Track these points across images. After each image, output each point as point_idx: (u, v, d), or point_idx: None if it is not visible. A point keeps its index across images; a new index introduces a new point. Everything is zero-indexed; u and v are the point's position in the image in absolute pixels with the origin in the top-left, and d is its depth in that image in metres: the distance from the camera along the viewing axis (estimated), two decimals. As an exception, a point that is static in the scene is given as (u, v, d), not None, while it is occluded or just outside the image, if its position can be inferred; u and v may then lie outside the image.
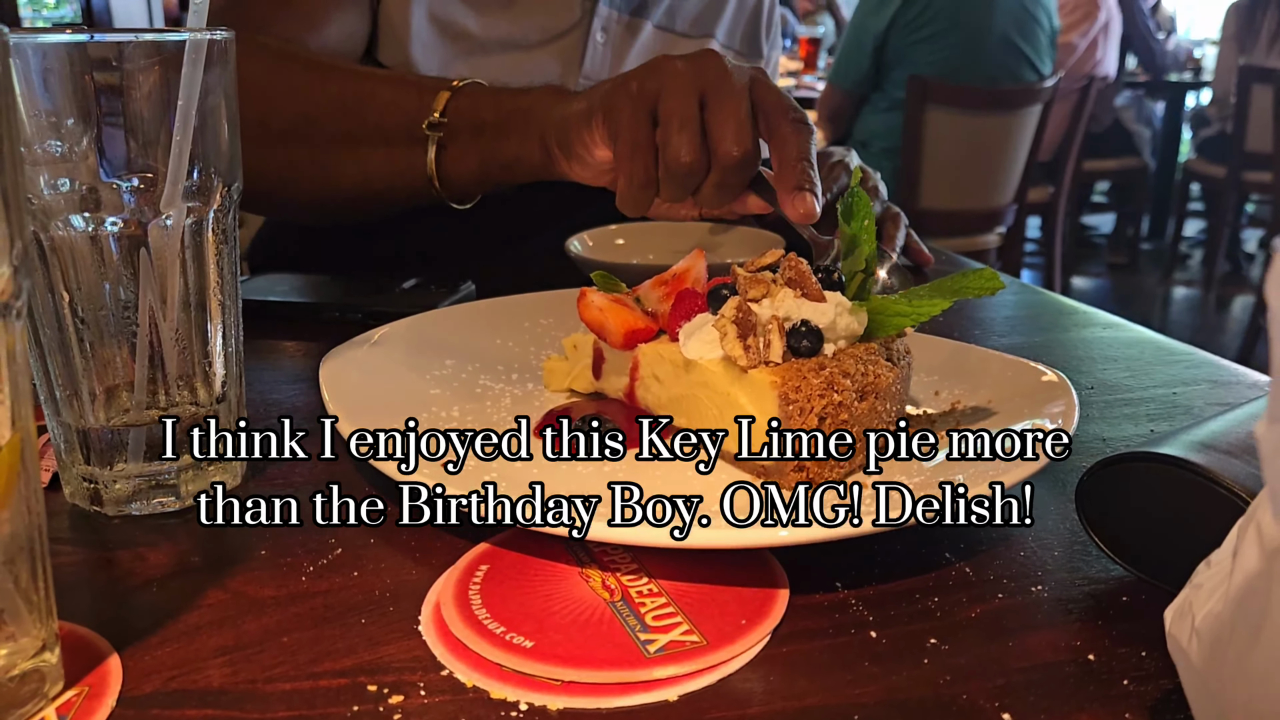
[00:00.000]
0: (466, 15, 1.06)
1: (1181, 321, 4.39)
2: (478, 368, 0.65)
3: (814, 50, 4.23)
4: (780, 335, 0.50)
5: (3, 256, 0.33)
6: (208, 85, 0.48)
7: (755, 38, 1.30)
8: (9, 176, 0.33)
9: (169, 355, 0.51)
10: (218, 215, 0.50)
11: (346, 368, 0.60)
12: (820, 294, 0.52)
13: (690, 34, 1.22)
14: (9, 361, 0.34)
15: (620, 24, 1.15)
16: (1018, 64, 3.01)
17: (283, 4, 0.95)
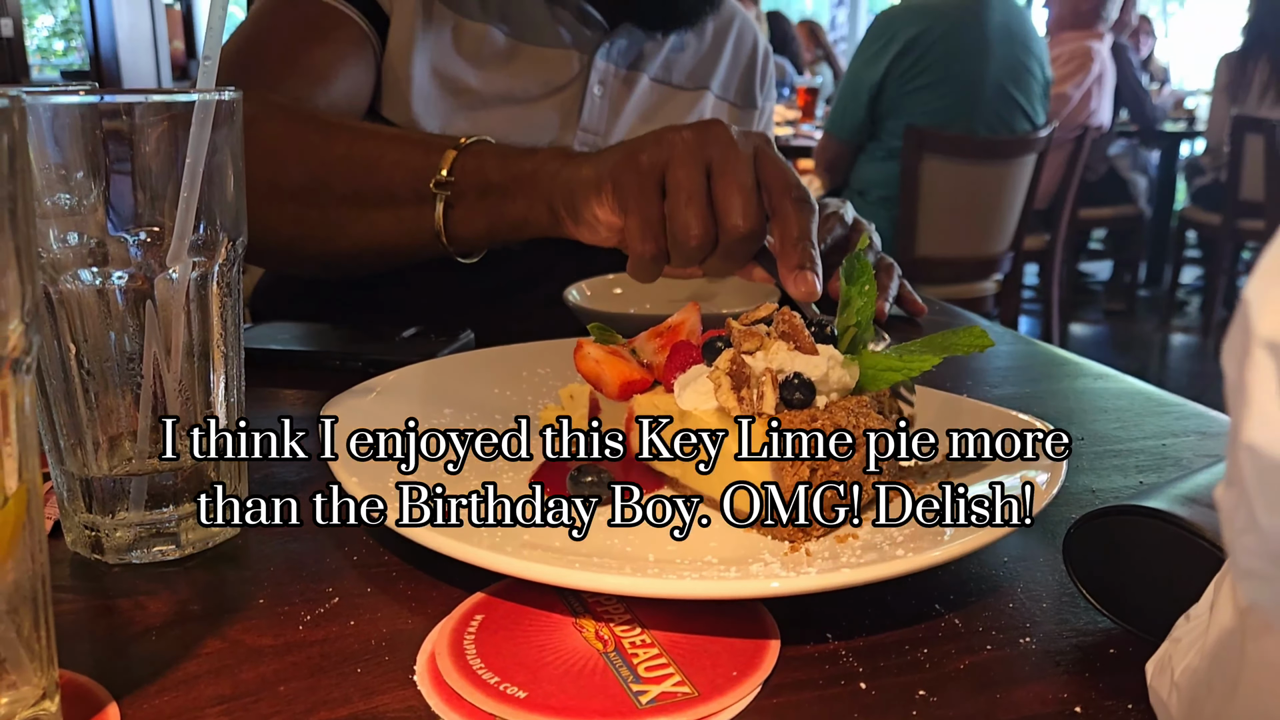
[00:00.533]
0: (467, 71, 1.09)
1: (1179, 368, 4.41)
2: (476, 417, 0.66)
3: (812, 99, 4.29)
4: (773, 387, 0.51)
5: (14, 313, 0.34)
6: (215, 144, 0.49)
7: (750, 90, 1.32)
8: (22, 235, 0.34)
9: (172, 405, 0.51)
10: (222, 269, 0.52)
11: (346, 417, 0.61)
12: (813, 347, 0.53)
13: (686, 86, 1.24)
14: (18, 414, 0.35)
15: (617, 78, 1.18)
16: (1012, 114, 3.06)
17: (291, 62, 0.97)
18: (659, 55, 1.21)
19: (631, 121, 1.18)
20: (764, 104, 1.35)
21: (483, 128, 1.10)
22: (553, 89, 1.14)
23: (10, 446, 0.35)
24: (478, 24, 1.09)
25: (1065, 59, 3.83)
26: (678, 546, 0.50)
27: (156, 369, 0.51)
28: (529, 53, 1.12)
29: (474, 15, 1.09)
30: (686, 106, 1.23)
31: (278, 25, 1.01)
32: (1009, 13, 3.04)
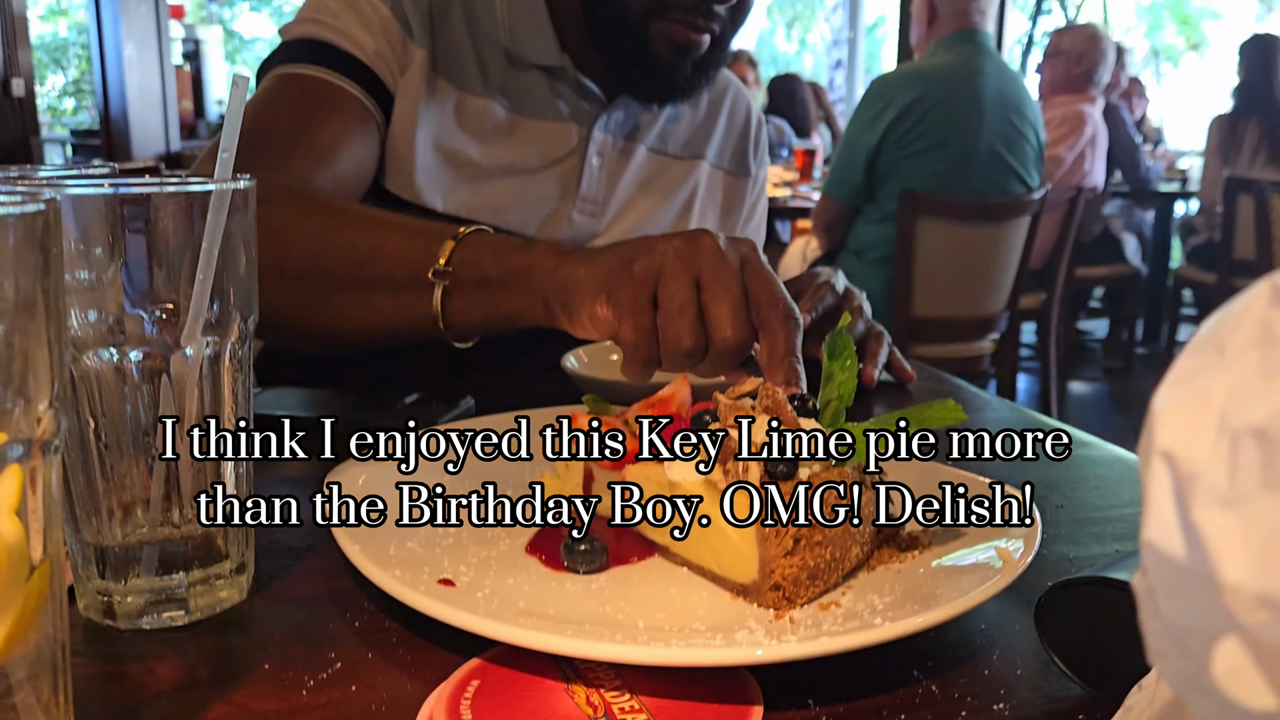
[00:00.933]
0: (470, 144, 1.12)
1: (1178, 426, 4.42)
2: (474, 483, 0.68)
3: (809, 161, 4.37)
4: (758, 461, 0.53)
5: (45, 397, 0.37)
6: (230, 229, 0.52)
7: (744, 158, 1.36)
8: (54, 325, 0.37)
9: (184, 475, 0.54)
10: (234, 346, 0.54)
11: (350, 485, 0.63)
12: (796, 422, 0.55)
13: (682, 155, 1.28)
14: (45, 492, 0.37)
15: (615, 148, 1.22)
16: (1006, 178, 3.11)
17: (296, 142, 1.00)
18: (655, 126, 1.26)
19: (629, 190, 1.22)
20: (757, 171, 1.39)
21: (485, 198, 1.13)
22: (553, 160, 1.17)
23: (38, 522, 0.37)
24: (480, 99, 1.14)
25: (1058, 122, 3.91)
26: (667, 614, 0.52)
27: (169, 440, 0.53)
28: (529, 126, 1.16)
29: (476, 91, 1.14)
30: (682, 175, 1.27)
31: (284, 105, 1.04)
32: (1002, 79, 3.11)
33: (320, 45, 1.07)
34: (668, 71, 1.11)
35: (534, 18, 1.15)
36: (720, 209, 1.33)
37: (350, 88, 1.06)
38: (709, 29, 1.09)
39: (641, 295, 0.71)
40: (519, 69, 1.16)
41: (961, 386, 1.09)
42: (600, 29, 1.11)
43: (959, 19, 3.16)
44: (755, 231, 1.42)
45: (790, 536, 0.52)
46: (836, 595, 0.54)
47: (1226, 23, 12.78)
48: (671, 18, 1.07)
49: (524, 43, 1.15)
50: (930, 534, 0.60)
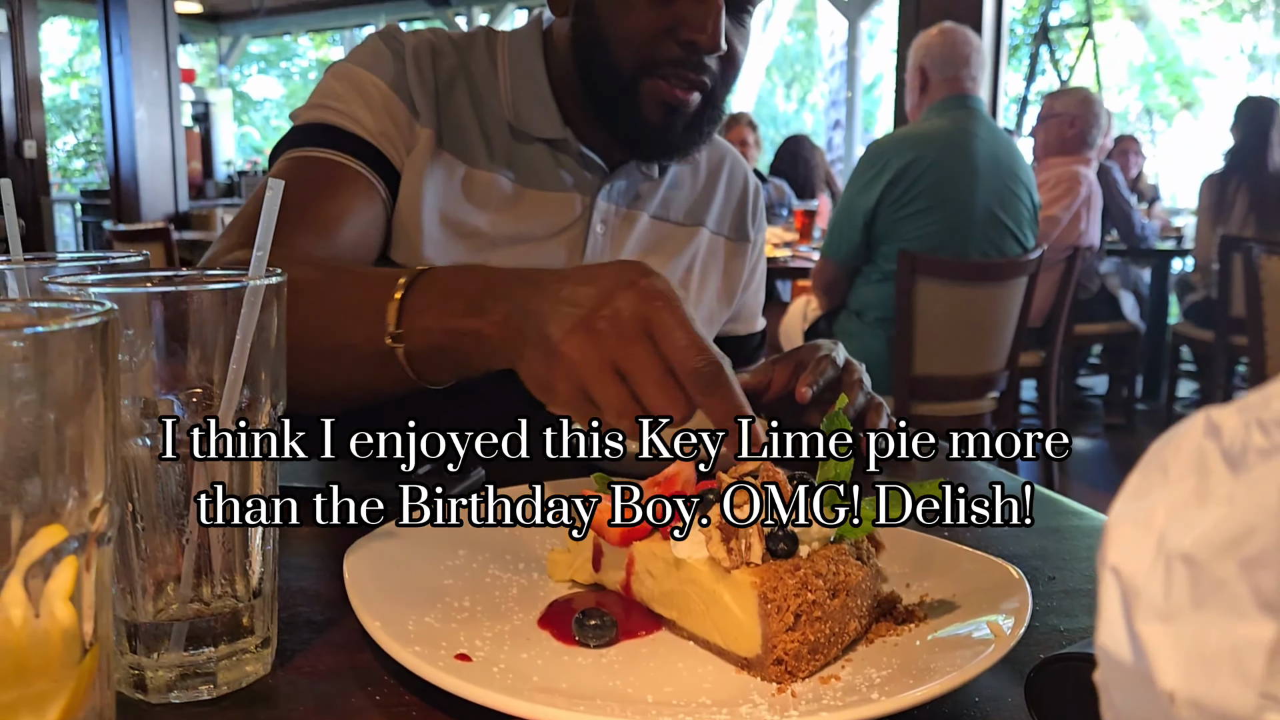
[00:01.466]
0: (477, 215, 1.17)
1: (1180, 483, 4.43)
2: (487, 557, 0.71)
3: (809, 221, 4.44)
4: (760, 539, 0.56)
5: (98, 490, 0.40)
6: (262, 322, 0.56)
7: (742, 225, 1.41)
8: (109, 423, 0.40)
9: (215, 552, 0.57)
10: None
11: (367, 561, 0.66)
12: (795, 500, 0.58)
13: (683, 222, 1.33)
14: (98, 580, 0.40)
15: (618, 216, 1.26)
16: (1002, 238, 3.17)
17: (300, 220, 1.03)
18: (657, 194, 1.30)
19: (633, 256, 1.26)
20: (755, 236, 1.43)
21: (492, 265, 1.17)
22: (558, 229, 1.22)
23: (90, 608, 0.40)
24: (485, 172, 1.18)
25: (1053, 183, 3.98)
26: (675, 688, 0.54)
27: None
28: (535, 197, 1.21)
29: (482, 165, 1.18)
30: (684, 241, 1.32)
31: (291, 186, 1.08)
32: (995, 142, 3.18)
33: (327, 128, 1.12)
34: (661, 131, 1.15)
35: (536, 93, 1.20)
36: (721, 273, 1.37)
37: (355, 165, 1.10)
38: (699, 84, 1.13)
39: (578, 401, 0.70)
40: (523, 142, 1.21)
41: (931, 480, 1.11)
42: (594, 92, 1.16)
43: (951, 85, 3.23)
44: (755, 294, 1.47)
45: (791, 612, 0.54)
46: (836, 669, 0.56)
47: (1219, 82, 13.03)
48: (660, 74, 1.11)
49: (527, 117, 1.20)
50: (925, 608, 0.62)
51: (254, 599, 0.58)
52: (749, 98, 16.01)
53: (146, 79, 7.45)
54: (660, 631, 0.62)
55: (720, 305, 1.38)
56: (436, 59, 1.19)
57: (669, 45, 1.09)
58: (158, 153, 7.64)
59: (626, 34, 1.10)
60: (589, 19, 1.14)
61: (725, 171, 1.39)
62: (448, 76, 1.19)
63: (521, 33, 1.25)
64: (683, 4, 1.08)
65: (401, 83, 1.15)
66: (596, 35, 1.13)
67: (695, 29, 1.07)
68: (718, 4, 1.07)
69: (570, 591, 0.67)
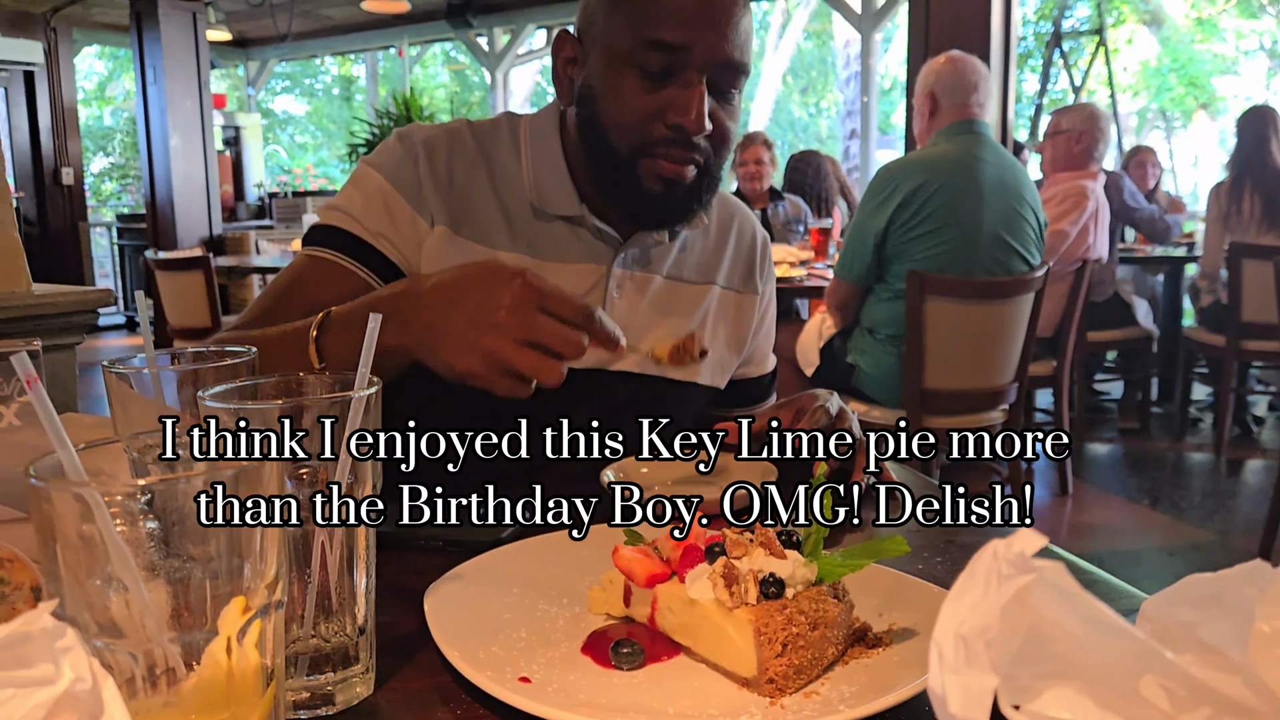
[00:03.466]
0: None
1: (1193, 487, 4.54)
2: (537, 594, 0.87)
3: (824, 240, 4.59)
4: (755, 584, 0.72)
5: (273, 571, 0.56)
6: (366, 421, 0.72)
7: (751, 277, 1.52)
8: (280, 529, 0.56)
9: (331, 598, 0.73)
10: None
11: (443, 601, 0.82)
12: (783, 553, 0.74)
13: (695, 281, 1.44)
14: (274, 631, 0.56)
15: (633, 280, 1.38)
16: (1008, 257, 3.30)
17: (288, 305, 1.21)
18: (669, 257, 1.41)
19: (648, 315, 1.38)
20: (763, 287, 1.54)
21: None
22: (578, 295, 1.37)
23: (269, 652, 0.56)
24: (507, 253, 1.31)
25: (1060, 198, 4.11)
26: (690, 702, 0.70)
27: (323, 574, 0.72)
28: (555, 269, 1.32)
29: (503, 245, 1.31)
30: (696, 299, 1.44)
31: (296, 279, 1.28)
32: (1002, 166, 3.31)
33: (333, 230, 1.29)
34: (660, 202, 1.27)
35: (555, 174, 1.33)
36: (730, 324, 1.49)
37: (348, 263, 1.27)
38: (692, 160, 1.24)
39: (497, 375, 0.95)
40: (543, 220, 1.33)
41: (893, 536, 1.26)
42: (599, 172, 1.29)
43: (959, 111, 3.38)
44: (765, 338, 1.58)
45: (780, 642, 0.70)
46: (817, 685, 0.72)
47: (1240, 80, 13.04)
48: (655, 154, 1.23)
49: (548, 197, 1.33)
50: (892, 635, 0.77)
51: (359, 635, 0.75)
52: (766, 105, 16.20)
53: (180, 107, 7.70)
54: (679, 656, 0.77)
55: (730, 353, 1.50)
56: (454, 153, 1.33)
57: (659, 127, 1.22)
58: (192, 178, 7.88)
59: (621, 119, 1.23)
60: (589, 107, 1.27)
61: (734, 229, 1.50)
62: (466, 168, 1.33)
63: (541, 116, 1.38)
64: (669, 91, 1.20)
65: (410, 185, 1.29)
66: (597, 121, 1.26)
67: (681, 113, 1.20)
68: (700, 90, 1.19)
69: (606, 623, 0.83)
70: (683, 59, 1.19)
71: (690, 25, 1.18)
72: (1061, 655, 0.37)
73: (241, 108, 11.49)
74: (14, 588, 0.68)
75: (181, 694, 0.54)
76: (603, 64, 1.24)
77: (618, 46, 1.22)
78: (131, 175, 14.08)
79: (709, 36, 1.19)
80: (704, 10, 1.19)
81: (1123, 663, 0.36)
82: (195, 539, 0.55)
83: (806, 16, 13.94)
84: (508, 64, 10.43)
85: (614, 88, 1.23)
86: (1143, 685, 0.36)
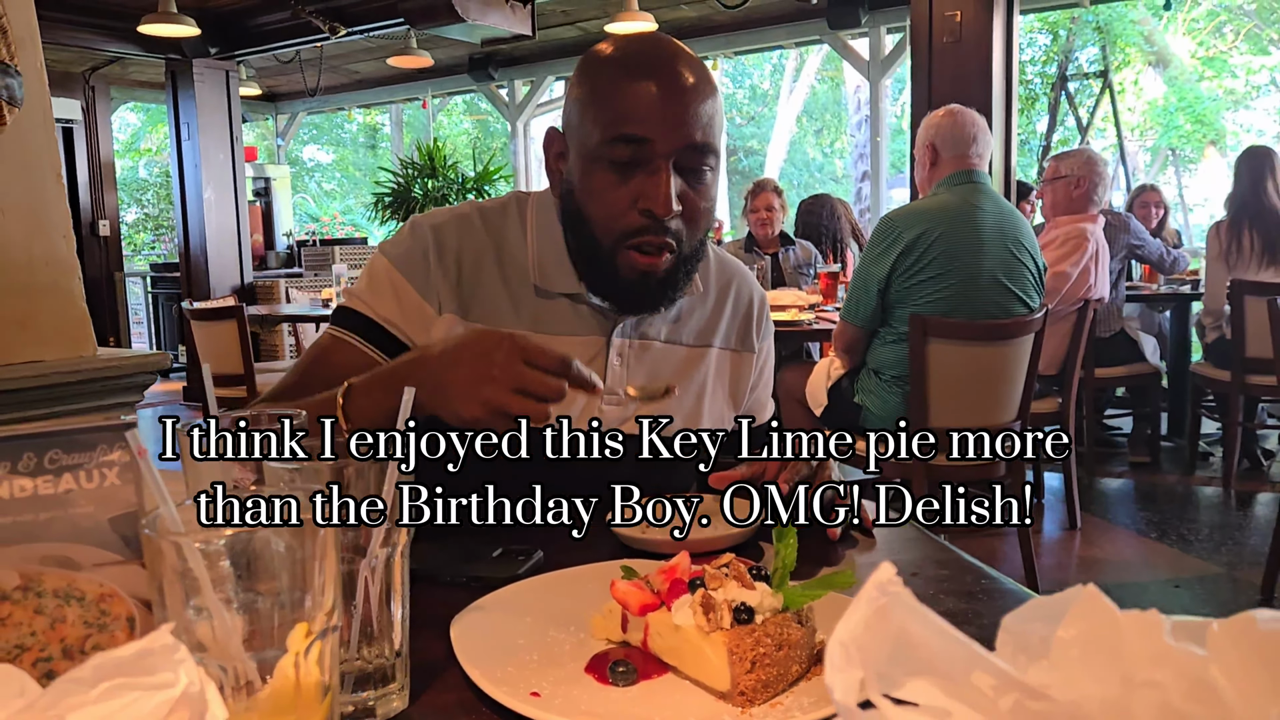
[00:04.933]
0: None
1: (1202, 520, 4.60)
2: (546, 622, 1.00)
3: (832, 284, 4.73)
4: (729, 611, 0.85)
5: (330, 601, 0.70)
6: (398, 487, 0.86)
7: (747, 336, 1.61)
8: (334, 564, 0.70)
9: (374, 626, 0.87)
10: (402, 550, 0.88)
11: (466, 628, 0.96)
12: (753, 585, 0.87)
13: (694, 344, 1.54)
14: (331, 650, 0.70)
15: (632, 348, 1.48)
16: (1008, 301, 3.43)
17: (310, 380, 1.37)
18: (666, 323, 1.50)
19: (650, 378, 1.48)
20: (760, 345, 1.62)
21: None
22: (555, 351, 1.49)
23: (327, 669, 0.70)
24: (513, 329, 1.38)
25: (1061, 241, 4.24)
26: (674, 712, 0.83)
27: (365, 605, 0.86)
28: (558, 342, 1.40)
29: (509, 323, 1.40)
30: (696, 361, 1.53)
31: (318, 360, 1.44)
32: (1000, 214, 3.45)
33: (349, 312, 1.46)
34: (637, 291, 1.37)
35: (557, 255, 1.43)
36: (728, 382, 1.59)
37: (360, 344, 1.42)
38: (666, 246, 1.33)
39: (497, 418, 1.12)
40: (547, 299, 1.43)
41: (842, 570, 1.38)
42: (584, 260, 1.39)
43: (959, 161, 3.52)
44: (763, 389, 1.67)
45: (749, 660, 0.83)
46: (783, 698, 0.84)
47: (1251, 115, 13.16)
48: (631, 245, 1.32)
49: (549, 277, 1.43)
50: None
51: (396, 657, 0.88)
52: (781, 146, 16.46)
53: (213, 161, 7.97)
54: (667, 674, 0.90)
55: (728, 408, 1.59)
56: (463, 239, 1.44)
57: (633, 216, 1.31)
58: (224, 229, 8.14)
59: (598, 213, 1.34)
60: (572, 201, 1.38)
61: (733, 292, 1.60)
62: (474, 254, 1.44)
63: (546, 195, 1.48)
64: (637, 181, 1.29)
65: (419, 274, 1.42)
66: (580, 215, 1.37)
67: (650, 199, 1.29)
68: (666, 175, 1.28)
69: (605, 647, 0.96)
70: (648, 149, 1.28)
71: (652, 118, 1.27)
72: (919, 657, 0.51)
73: (271, 159, 11.85)
74: (113, 618, 0.82)
75: (257, 702, 0.68)
76: (579, 161, 1.35)
77: (589, 144, 1.32)
78: (165, 226, 14.47)
79: (671, 126, 1.28)
80: (664, 103, 1.28)
81: (959, 662, 0.50)
82: (265, 577, 0.69)
83: (819, 61, 14.20)
84: (528, 114, 10.70)
85: (589, 183, 1.33)
86: (974, 677, 0.50)
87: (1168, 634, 0.48)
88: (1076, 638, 0.50)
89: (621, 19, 7.02)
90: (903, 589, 0.51)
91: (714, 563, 0.91)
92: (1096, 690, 0.47)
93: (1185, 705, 0.43)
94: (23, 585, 0.78)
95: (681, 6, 8.38)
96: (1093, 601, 0.51)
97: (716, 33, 9.11)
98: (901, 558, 1.19)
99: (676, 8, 8.38)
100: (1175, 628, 0.49)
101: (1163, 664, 0.45)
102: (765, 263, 5.36)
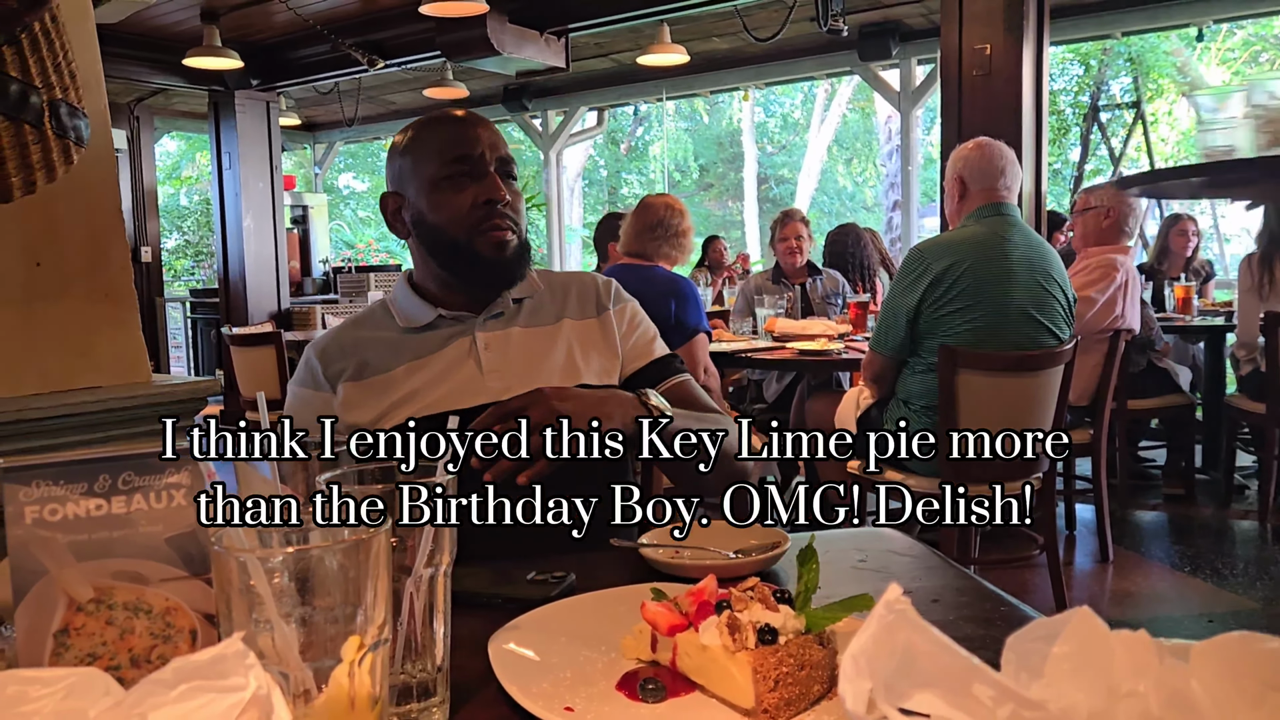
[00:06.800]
0: (401, 384, 1.67)
1: (1239, 554, 4.56)
2: (580, 642, 1.05)
3: (861, 313, 4.76)
4: (753, 632, 0.89)
5: (381, 616, 0.75)
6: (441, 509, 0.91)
7: (599, 303, 1.82)
8: (388, 575, 0.76)
9: (415, 639, 0.92)
10: (445, 570, 0.93)
11: (504, 646, 1.01)
12: (777, 607, 0.91)
13: (548, 323, 1.77)
14: (382, 662, 0.75)
15: (496, 337, 1.72)
16: (1038, 332, 3.45)
17: None
18: (519, 316, 1.74)
19: (520, 359, 1.70)
20: (613, 306, 1.82)
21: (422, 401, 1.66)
22: (456, 364, 1.69)
23: (378, 680, 0.75)
24: (394, 370, 1.66)
25: (1090, 269, 4.25)
26: (700, 727, 0.87)
27: (410, 620, 0.91)
28: (435, 356, 1.68)
29: (390, 368, 1.67)
30: (554, 336, 1.75)
31: None
32: (1029, 246, 3.47)
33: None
34: (499, 265, 1.66)
35: (410, 301, 1.73)
36: (599, 342, 1.78)
37: None
38: (509, 226, 1.65)
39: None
40: (415, 333, 1.70)
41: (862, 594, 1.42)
42: (448, 262, 1.67)
43: (988, 194, 3.55)
44: (640, 336, 1.84)
45: (773, 679, 0.87)
46: (805, 715, 0.89)
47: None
48: (483, 229, 1.63)
49: (410, 317, 1.71)
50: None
51: (438, 673, 0.93)
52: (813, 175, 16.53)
53: (253, 190, 8.16)
54: (694, 692, 0.94)
55: (610, 361, 1.78)
56: (342, 342, 1.72)
57: (478, 209, 1.63)
58: (263, 256, 8.31)
59: (451, 217, 1.64)
60: (425, 225, 1.67)
61: (574, 283, 1.85)
62: (354, 343, 1.71)
63: (397, 282, 1.81)
64: (473, 189, 1.63)
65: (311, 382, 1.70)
66: (436, 229, 1.65)
67: (488, 192, 1.63)
68: (493, 176, 1.63)
69: (635, 665, 1.00)
70: (477, 163, 1.64)
71: (470, 140, 1.65)
72: (924, 669, 0.55)
73: (309, 187, 12.07)
74: (177, 630, 0.88)
75: (314, 709, 0.73)
76: (425, 193, 1.66)
77: (429, 177, 1.65)
78: (205, 252, 14.76)
79: (486, 144, 1.66)
80: (476, 131, 1.67)
81: (960, 674, 0.54)
82: (321, 593, 0.75)
83: (850, 91, 14.28)
84: (560, 143, 10.85)
85: (438, 203, 1.65)
86: (974, 689, 0.54)
87: (1154, 651, 0.53)
88: (1069, 654, 0.54)
89: (654, 50, 7.13)
90: (908, 607, 0.55)
91: (740, 586, 0.96)
92: (1085, 701, 0.51)
93: (1164, 713, 0.47)
94: (96, 598, 0.84)
95: (713, 39, 8.49)
96: (1087, 621, 0.55)
97: (748, 64, 9.21)
98: (923, 584, 1.23)
99: (708, 40, 8.49)
100: (1162, 647, 0.54)
101: (1146, 677, 0.50)
102: (795, 293, 5.40)
